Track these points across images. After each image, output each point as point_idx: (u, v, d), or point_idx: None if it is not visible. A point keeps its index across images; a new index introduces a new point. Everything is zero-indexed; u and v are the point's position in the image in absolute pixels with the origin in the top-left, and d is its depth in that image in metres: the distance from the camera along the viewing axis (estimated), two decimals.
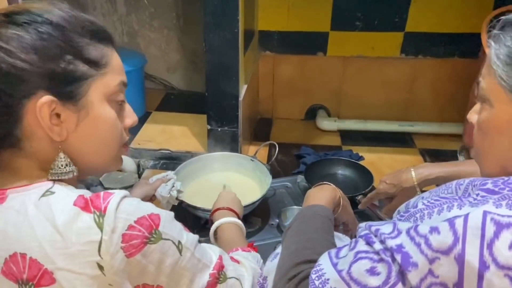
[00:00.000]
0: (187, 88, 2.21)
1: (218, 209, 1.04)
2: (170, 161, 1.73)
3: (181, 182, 1.18)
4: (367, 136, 1.96)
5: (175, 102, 2.13)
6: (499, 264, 0.48)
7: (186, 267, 0.63)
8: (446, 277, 0.52)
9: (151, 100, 2.09)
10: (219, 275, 0.69)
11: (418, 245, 0.54)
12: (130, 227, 0.57)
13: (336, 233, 0.86)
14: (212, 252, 0.71)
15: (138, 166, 1.74)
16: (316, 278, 0.64)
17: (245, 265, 0.78)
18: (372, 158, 1.79)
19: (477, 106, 0.66)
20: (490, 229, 0.49)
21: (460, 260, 0.50)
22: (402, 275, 0.55)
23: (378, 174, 1.46)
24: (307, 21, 1.90)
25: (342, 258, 0.64)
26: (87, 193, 0.59)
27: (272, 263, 0.78)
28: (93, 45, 0.61)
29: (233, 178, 1.35)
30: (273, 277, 0.74)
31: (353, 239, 0.65)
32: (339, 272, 0.61)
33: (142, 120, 1.96)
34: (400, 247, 0.56)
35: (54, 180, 0.60)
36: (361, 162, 1.58)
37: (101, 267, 0.55)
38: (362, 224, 0.66)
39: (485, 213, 0.50)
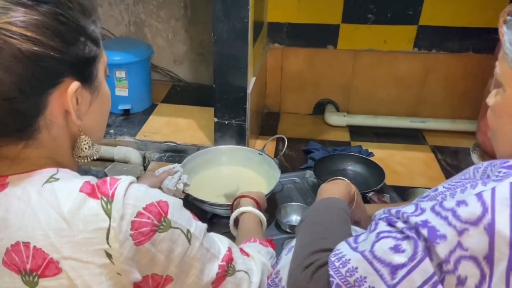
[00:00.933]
0: (194, 80, 2.17)
1: (243, 196, 1.03)
2: (176, 153, 1.70)
3: (187, 175, 1.15)
4: (377, 132, 1.92)
5: (181, 94, 2.09)
6: None
7: (196, 257, 0.61)
8: (476, 249, 0.50)
9: (157, 92, 2.06)
10: (228, 267, 0.67)
11: (445, 218, 0.53)
12: (139, 214, 0.55)
13: (352, 226, 0.83)
14: (220, 243, 0.69)
15: (144, 158, 1.71)
16: (336, 260, 0.61)
17: (255, 259, 0.76)
18: (382, 155, 1.75)
19: (494, 91, 0.68)
20: None
21: (490, 230, 0.49)
22: (429, 250, 0.53)
23: (388, 171, 1.42)
24: (318, 13, 1.85)
25: (362, 241, 0.61)
26: (92, 179, 0.56)
27: (287, 257, 0.75)
28: (90, 21, 0.59)
29: (240, 172, 1.31)
30: (287, 270, 0.72)
31: (372, 223, 0.63)
32: (361, 252, 0.59)
33: (148, 112, 1.93)
34: (425, 222, 0.54)
35: (57, 167, 0.58)
36: (371, 159, 1.55)
37: (109, 255, 0.53)
38: (380, 211, 0.63)
39: (511, 184, 0.50)
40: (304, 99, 2.05)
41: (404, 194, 1.42)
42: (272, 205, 1.30)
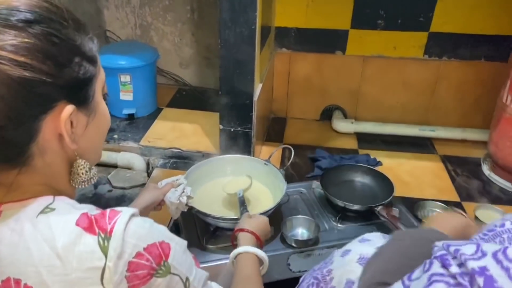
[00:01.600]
0: (200, 85, 2.15)
1: (242, 230, 0.96)
2: (181, 160, 1.67)
3: (191, 187, 1.12)
4: (385, 140, 1.89)
5: (187, 98, 2.07)
6: None
7: None
8: None
9: (163, 96, 2.04)
10: None
11: (506, 269, 0.48)
12: (138, 254, 0.51)
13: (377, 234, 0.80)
14: None
15: (147, 164, 1.69)
16: None
17: None
18: (391, 164, 1.72)
19: None
20: None
21: None
22: None
23: (396, 180, 1.38)
24: (327, 18, 1.82)
25: (415, 280, 0.58)
26: (91, 210, 0.53)
27: (342, 259, 0.74)
28: (85, 38, 0.55)
29: (245, 182, 1.28)
30: (339, 272, 0.71)
31: (427, 260, 0.58)
32: None
33: (153, 116, 1.91)
34: (483, 269, 0.50)
35: (54, 194, 0.55)
36: (379, 168, 1.51)
37: None
38: (439, 243, 0.59)
39: None
40: (311, 104, 2.01)
41: (413, 207, 1.38)
42: (277, 217, 1.26)
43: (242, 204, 1.16)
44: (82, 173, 0.58)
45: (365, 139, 1.90)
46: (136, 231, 0.52)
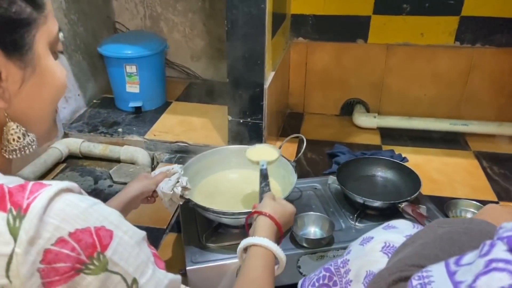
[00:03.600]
0: (212, 78, 2.04)
1: (261, 212, 0.78)
2: (187, 154, 1.56)
3: (188, 177, 0.99)
4: (412, 135, 1.72)
5: (198, 92, 1.96)
6: None
7: None
8: None
9: (173, 89, 1.94)
10: None
11: None
12: (60, 241, 0.39)
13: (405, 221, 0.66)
14: None
15: (152, 159, 1.58)
16: (418, 279, 0.45)
17: None
18: (418, 160, 1.55)
19: None
20: None
21: None
22: None
23: (425, 178, 1.23)
24: (346, 4, 1.68)
25: (465, 265, 0.43)
26: (12, 182, 0.41)
27: (360, 248, 0.60)
28: None
29: (251, 175, 1.16)
30: (357, 263, 0.60)
31: (487, 242, 0.44)
32: (455, 284, 0.42)
33: (161, 110, 1.81)
34: None
35: None
36: (405, 164, 1.35)
37: None
38: (508, 224, 0.44)
39: None
40: (331, 98, 1.87)
41: (444, 206, 1.22)
42: None
43: (265, 179, 0.96)
44: (13, 139, 0.46)
45: (389, 134, 1.74)
46: (63, 210, 0.40)
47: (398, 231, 0.67)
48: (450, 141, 1.69)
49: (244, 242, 0.72)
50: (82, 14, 1.73)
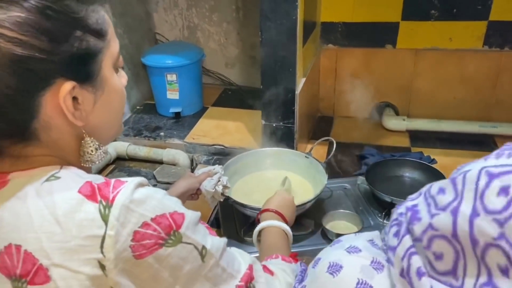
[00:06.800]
0: (245, 84, 2.14)
1: (267, 210, 0.94)
2: (224, 156, 1.66)
3: (227, 177, 1.10)
4: (441, 138, 1.76)
5: (232, 97, 2.07)
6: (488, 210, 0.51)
7: (207, 276, 0.55)
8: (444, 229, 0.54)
9: (209, 95, 2.05)
10: (247, 287, 0.60)
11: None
12: (145, 224, 0.49)
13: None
14: (242, 259, 0.62)
15: (192, 161, 1.70)
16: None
17: (279, 278, 0.68)
18: (447, 162, 1.59)
19: None
20: (483, 180, 0.52)
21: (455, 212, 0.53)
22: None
23: None
24: (375, 11, 1.74)
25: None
26: (97, 179, 0.51)
27: (313, 271, 0.65)
28: (91, 10, 0.53)
29: (284, 175, 1.24)
30: (312, 286, 0.64)
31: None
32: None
33: (199, 115, 1.93)
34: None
35: (63, 165, 0.54)
36: (433, 166, 1.40)
37: (102, 267, 0.48)
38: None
39: (481, 168, 0.53)
40: (360, 102, 1.93)
41: None
42: (319, 212, 1.21)
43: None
44: (88, 152, 0.56)
45: (418, 136, 1.79)
46: (144, 202, 0.50)
47: (340, 246, 0.69)
48: (479, 143, 1.71)
49: (257, 229, 0.89)
50: (127, 28, 1.88)
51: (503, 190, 0.49)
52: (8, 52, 0.45)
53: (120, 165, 1.70)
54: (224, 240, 0.59)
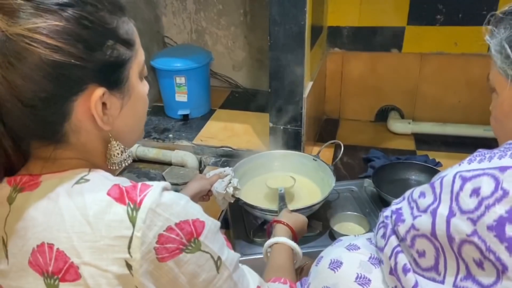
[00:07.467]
0: (252, 86, 2.17)
1: (280, 222, 0.96)
2: (231, 158, 1.69)
3: (238, 179, 1.12)
4: (446, 141, 1.78)
5: (239, 100, 2.10)
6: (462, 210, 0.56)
7: None
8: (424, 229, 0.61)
9: (216, 98, 2.08)
10: None
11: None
12: (169, 228, 0.51)
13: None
14: (250, 278, 0.64)
15: (200, 162, 1.72)
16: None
17: None
18: (452, 165, 1.61)
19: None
20: (457, 183, 0.58)
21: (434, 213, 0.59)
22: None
23: None
24: (381, 15, 1.76)
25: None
26: (124, 182, 0.54)
27: (316, 268, 0.73)
28: (122, 21, 0.56)
29: (288, 181, 1.26)
30: (315, 282, 0.72)
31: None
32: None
33: (206, 117, 1.95)
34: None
35: (91, 168, 0.57)
36: (438, 169, 1.42)
37: (129, 266, 0.50)
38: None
39: (456, 173, 0.60)
40: (366, 105, 1.96)
41: None
42: (326, 213, 1.23)
43: (282, 200, 1.15)
44: (114, 155, 0.59)
45: (423, 140, 1.81)
46: (170, 206, 0.52)
47: (341, 244, 0.78)
48: (484, 147, 1.72)
49: (268, 242, 0.89)
50: (137, 31, 1.90)
51: (475, 192, 0.55)
52: (46, 58, 0.48)
53: (129, 166, 1.73)
54: (238, 255, 0.61)
